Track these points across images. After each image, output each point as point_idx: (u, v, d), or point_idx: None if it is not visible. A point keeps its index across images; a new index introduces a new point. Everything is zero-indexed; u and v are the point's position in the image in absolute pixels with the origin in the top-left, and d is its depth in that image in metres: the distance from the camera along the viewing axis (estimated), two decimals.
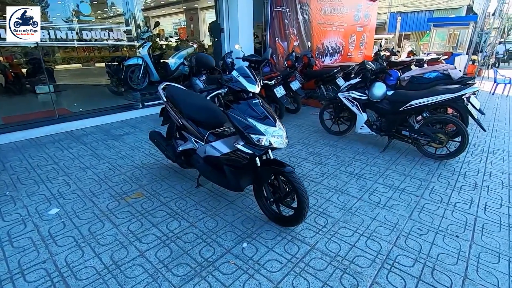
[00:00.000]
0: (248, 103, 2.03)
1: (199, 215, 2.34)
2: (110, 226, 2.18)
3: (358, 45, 10.28)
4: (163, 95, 2.71)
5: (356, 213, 2.38)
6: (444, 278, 1.74)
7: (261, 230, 2.17)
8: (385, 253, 1.94)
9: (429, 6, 19.98)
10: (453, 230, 2.19)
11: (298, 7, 6.98)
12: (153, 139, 2.99)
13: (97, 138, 4.07)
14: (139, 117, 5.18)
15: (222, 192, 2.68)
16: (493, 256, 1.93)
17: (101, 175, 2.99)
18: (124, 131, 4.42)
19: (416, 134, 3.37)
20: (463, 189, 2.80)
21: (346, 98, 3.81)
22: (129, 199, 2.56)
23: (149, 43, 5.69)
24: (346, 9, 8.83)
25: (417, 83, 3.92)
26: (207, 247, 1.98)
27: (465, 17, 14.97)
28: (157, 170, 3.11)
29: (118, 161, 3.33)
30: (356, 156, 3.55)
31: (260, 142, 1.92)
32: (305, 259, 1.88)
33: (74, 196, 2.59)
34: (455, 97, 3.07)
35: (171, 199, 2.57)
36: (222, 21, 6.36)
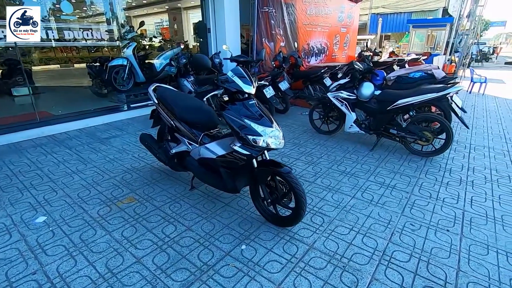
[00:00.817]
0: (244, 104, 2.02)
1: (195, 218, 2.30)
2: (102, 233, 2.11)
3: (342, 45, 10.48)
4: (154, 97, 2.65)
5: (350, 211, 2.42)
6: (439, 271, 1.80)
7: (259, 231, 2.16)
8: (382, 249, 1.98)
9: (408, 8, 20.67)
10: (443, 224, 2.27)
11: (284, 8, 7.04)
12: (144, 142, 2.92)
13: (82, 142, 3.92)
14: (126, 119, 5.05)
15: (216, 194, 2.65)
16: (482, 248, 2.01)
17: (89, 180, 2.89)
18: (111, 134, 4.29)
19: (404, 132, 3.47)
20: (449, 184, 2.91)
21: (336, 98, 3.87)
22: (121, 204, 2.49)
23: (133, 44, 5.55)
24: (330, 10, 8.98)
25: (403, 83, 4.05)
26: (206, 250, 1.95)
27: (442, 19, 15.58)
28: (148, 174, 3.04)
29: (106, 165, 3.23)
30: (346, 155, 3.61)
31: (257, 143, 1.92)
32: (305, 259, 1.89)
33: (61, 203, 2.48)
34: (440, 96, 3.19)
35: (164, 202, 2.52)
36: (208, 21, 6.30)
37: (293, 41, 7.56)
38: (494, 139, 4.27)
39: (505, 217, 2.37)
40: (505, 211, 2.45)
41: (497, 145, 4.04)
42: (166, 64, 6.06)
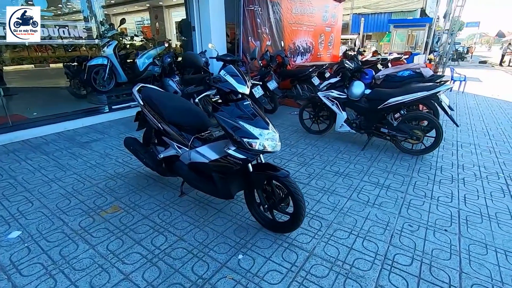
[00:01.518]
0: (238, 105, 1.91)
1: (186, 227, 2.16)
2: (85, 247, 1.93)
3: (327, 45, 10.53)
4: (139, 98, 2.48)
5: (348, 214, 2.36)
6: (442, 274, 1.76)
7: (256, 238, 2.05)
8: (383, 253, 1.93)
9: (388, 8, 21.16)
10: (441, 224, 2.24)
11: (269, 6, 6.95)
12: (129, 146, 2.73)
13: (61, 147, 3.67)
14: (107, 122, 4.79)
15: (208, 200, 2.52)
16: (481, 248, 1.99)
17: (69, 188, 2.68)
18: (91, 137, 4.04)
19: (395, 131, 3.47)
20: (442, 182, 2.91)
21: (326, 97, 3.82)
22: (105, 214, 2.30)
23: (114, 42, 5.28)
24: (315, 9, 8.99)
25: (392, 81, 4.05)
26: (200, 262, 1.82)
27: (422, 19, 16.03)
28: (134, 180, 2.86)
29: (88, 171, 3.01)
30: (338, 155, 3.57)
31: (253, 146, 1.81)
32: (306, 267, 1.80)
33: (38, 215, 2.27)
34: (431, 94, 3.19)
35: (153, 211, 2.36)
36: (193, 19, 6.11)
37: (279, 40, 7.50)
38: (478, 136, 4.36)
39: (498, 214, 2.39)
40: (498, 208, 2.47)
41: (482, 142, 4.13)
42: (149, 63, 5.82)
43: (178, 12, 13.61)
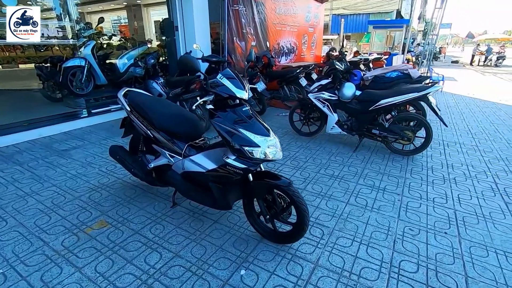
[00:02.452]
0: (236, 111, 1.79)
1: (182, 242, 2.02)
2: (70, 270, 1.74)
3: (310, 45, 10.59)
4: (125, 103, 2.30)
5: (348, 219, 2.31)
6: (449, 280, 1.74)
7: (257, 251, 1.95)
8: (388, 260, 1.88)
9: (366, 10, 21.69)
10: (440, 226, 2.24)
11: (254, 6, 6.85)
12: (115, 155, 2.54)
13: (36, 156, 3.38)
14: (86, 127, 4.51)
15: (203, 210, 2.38)
16: (482, 250, 2.00)
17: (48, 203, 2.45)
18: (70, 144, 3.77)
19: (386, 132, 3.48)
20: (435, 183, 2.94)
21: (317, 99, 3.77)
22: (91, 230, 2.12)
23: (92, 42, 4.99)
24: (298, 9, 8.99)
25: (380, 82, 4.08)
26: (200, 281, 1.69)
27: (399, 21, 16.51)
28: (120, 191, 2.67)
29: (68, 183, 2.78)
30: (331, 157, 3.53)
31: (254, 155, 1.70)
32: (312, 280, 1.72)
33: (14, 235, 2.04)
34: (421, 95, 3.22)
35: (144, 225, 2.19)
36: (176, 19, 5.89)
37: (264, 41, 7.42)
38: (462, 135, 4.49)
39: (492, 214, 2.42)
40: (491, 208, 2.51)
41: (466, 140, 4.25)
42: (131, 64, 5.57)
43: (157, 11, 13.21)
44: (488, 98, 7.75)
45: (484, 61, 19.40)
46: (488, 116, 5.72)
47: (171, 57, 6.23)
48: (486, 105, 6.76)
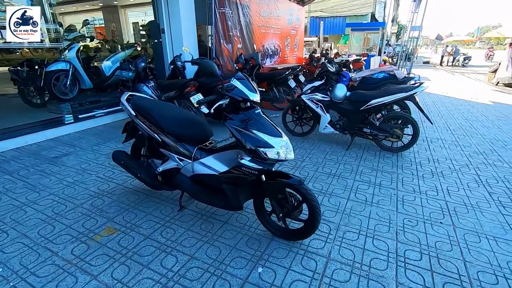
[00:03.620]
0: (249, 113, 1.85)
1: (195, 244, 2.04)
2: (86, 279, 1.72)
3: (293, 47, 10.80)
4: (130, 108, 2.28)
5: (351, 215, 2.42)
6: (450, 265, 1.89)
7: (270, 249, 2.01)
8: (394, 250, 2.01)
9: (343, 12, 22.36)
10: (435, 217, 2.41)
11: (239, 9, 6.91)
12: (119, 161, 2.50)
13: (26, 164, 3.24)
14: (74, 133, 4.36)
15: (210, 212, 2.41)
16: (474, 236, 2.18)
17: (49, 212, 2.37)
18: (60, 151, 3.64)
19: (377, 131, 3.65)
20: (425, 177, 3.14)
21: (310, 100, 3.89)
22: (100, 237, 2.08)
23: (76, 45, 4.83)
24: (281, 12, 9.16)
25: (368, 83, 4.27)
26: (220, 281, 1.73)
27: (376, 23, 17.20)
28: (123, 196, 2.63)
29: (67, 190, 2.70)
30: (326, 156, 3.66)
31: (269, 155, 1.76)
32: (327, 273, 1.80)
33: (18, 247, 1.97)
34: (409, 95, 3.43)
35: (154, 229, 2.19)
36: (162, 21, 5.83)
37: (250, 43, 7.50)
38: (442, 131, 4.79)
39: (479, 203, 2.63)
40: (477, 198, 2.72)
41: (447, 136, 4.54)
42: (117, 67, 5.45)
43: (135, 13, 12.93)
44: (460, 96, 8.29)
45: (452, 61, 20.64)
46: (463, 113, 6.13)
47: (158, 60, 6.15)
48: (460, 103, 7.22)
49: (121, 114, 5.16)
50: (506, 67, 10.31)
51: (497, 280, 1.77)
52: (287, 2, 9.69)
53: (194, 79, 4.15)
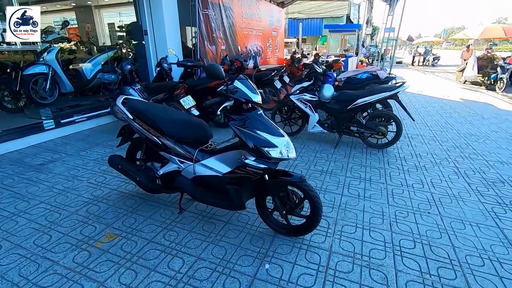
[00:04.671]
0: (252, 115, 1.90)
1: (200, 245, 2.06)
2: (92, 286, 1.69)
3: (274, 48, 10.95)
4: (127, 111, 2.25)
5: (347, 209, 2.53)
6: (441, 251, 2.04)
7: (274, 245, 2.07)
8: (390, 241, 2.13)
9: (319, 14, 22.92)
10: (423, 208, 2.57)
11: (222, 11, 6.93)
12: (116, 166, 2.45)
13: (9, 173, 3.09)
14: (57, 139, 4.19)
15: (211, 213, 2.43)
16: (459, 223, 2.35)
17: (42, 221, 2.29)
18: (45, 158, 3.50)
19: (363, 129, 3.82)
20: (410, 171, 3.33)
21: (299, 100, 4.00)
22: (101, 244, 2.04)
23: (56, 47, 4.65)
24: (263, 14, 9.27)
25: (352, 83, 4.45)
26: (229, 279, 1.76)
27: (352, 25, 17.77)
28: (119, 201, 2.58)
29: (58, 198, 2.61)
30: (317, 154, 3.78)
31: (273, 154, 1.82)
32: (331, 265, 1.89)
33: (14, 258, 1.89)
34: (393, 94, 3.62)
35: (155, 233, 2.17)
36: (144, 23, 5.73)
37: (233, 44, 7.53)
38: (421, 128, 5.08)
39: (461, 193, 2.84)
40: (458, 188, 2.93)
41: (425, 132, 4.82)
42: (98, 70, 5.30)
43: (110, 13, 12.55)
44: (433, 94, 8.78)
45: (423, 61, 21.75)
46: (438, 110, 6.51)
47: (141, 62, 6.03)
48: (433, 101, 7.66)
49: (105, 118, 5.02)
50: (472, 66, 11.04)
51: (483, 262, 1.94)
52: (268, 4, 9.82)
53: (184, 81, 4.13)
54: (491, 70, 10.40)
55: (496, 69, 9.96)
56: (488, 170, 3.37)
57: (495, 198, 2.76)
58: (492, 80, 10.08)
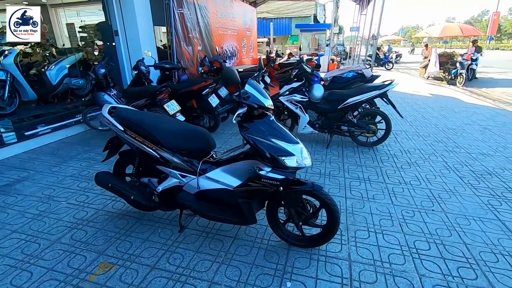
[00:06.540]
0: (264, 121, 1.75)
1: (210, 267, 1.86)
2: None
3: (248, 48, 10.82)
4: (116, 122, 1.99)
5: (355, 213, 2.47)
6: (455, 250, 2.03)
7: (291, 260, 1.93)
8: (405, 243, 2.09)
9: (288, 14, 23.20)
10: (426, 205, 2.58)
11: (197, 10, 6.66)
12: (105, 184, 2.15)
13: None
14: (22, 154, 3.71)
15: (215, 229, 2.23)
16: (464, 219, 2.38)
17: (18, 255, 1.95)
18: (11, 177, 3.05)
19: (354, 128, 3.81)
20: (404, 168, 3.36)
21: (289, 101, 3.90)
22: (95, 277, 1.77)
23: (15, 51, 4.12)
24: (237, 13, 9.11)
25: (338, 82, 4.45)
26: None
27: (323, 25, 18.16)
28: (109, 223, 2.29)
29: (34, 225, 2.26)
30: (311, 156, 3.69)
31: (290, 164, 1.68)
32: (354, 276, 1.79)
33: None
34: (382, 92, 3.64)
35: (157, 257, 1.94)
36: (115, 22, 5.31)
37: (209, 45, 7.29)
38: (402, 124, 5.22)
39: (456, 187, 2.91)
40: (453, 183, 3.00)
41: (407, 128, 4.97)
42: (65, 75, 4.80)
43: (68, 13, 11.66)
44: (404, 90, 9.16)
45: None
46: (412, 106, 6.79)
47: (111, 65, 5.58)
48: (406, 97, 7.99)
49: (76, 128, 4.56)
50: (435, 63, 11.75)
51: (497, 258, 1.95)
52: (241, 3, 9.67)
53: (167, 85, 3.84)
54: (451, 66, 11.14)
55: (456, 65, 10.69)
56: (473, 162, 3.51)
57: (488, 190, 2.85)
58: (452, 75, 10.78)
